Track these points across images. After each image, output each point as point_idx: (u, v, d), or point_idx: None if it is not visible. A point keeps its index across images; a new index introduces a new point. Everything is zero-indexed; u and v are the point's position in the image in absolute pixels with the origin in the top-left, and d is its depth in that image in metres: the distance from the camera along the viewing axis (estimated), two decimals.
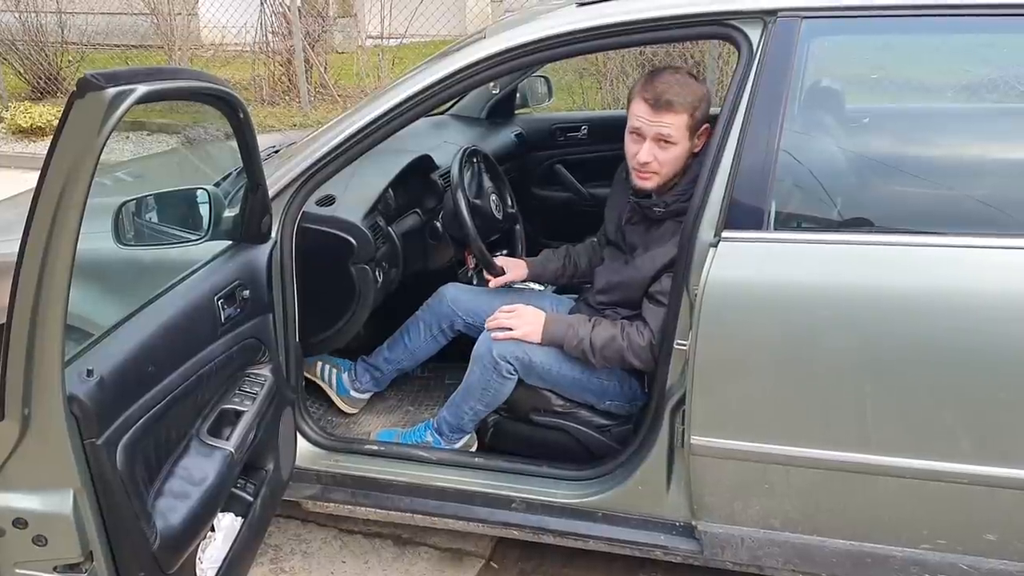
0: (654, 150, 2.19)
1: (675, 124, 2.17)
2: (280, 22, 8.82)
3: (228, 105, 1.87)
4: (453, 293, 2.73)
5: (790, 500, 2.01)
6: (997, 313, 1.77)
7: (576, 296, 2.69)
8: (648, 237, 2.32)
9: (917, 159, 2.08)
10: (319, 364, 2.81)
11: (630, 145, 2.25)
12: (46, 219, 1.37)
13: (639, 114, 2.19)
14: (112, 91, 1.35)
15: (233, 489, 2.05)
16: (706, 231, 1.95)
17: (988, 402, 1.80)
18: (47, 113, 8.44)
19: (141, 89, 1.41)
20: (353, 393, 2.80)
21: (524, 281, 2.75)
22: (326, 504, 2.44)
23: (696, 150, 2.24)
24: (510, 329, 2.32)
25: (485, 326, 2.38)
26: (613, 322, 2.27)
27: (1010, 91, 2.13)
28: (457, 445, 2.51)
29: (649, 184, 2.25)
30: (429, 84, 2.17)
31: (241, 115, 1.90)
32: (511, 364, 2.30)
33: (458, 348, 2.75)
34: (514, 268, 2.70)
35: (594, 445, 2.38)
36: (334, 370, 2.80)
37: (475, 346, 2.37)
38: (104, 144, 1.36)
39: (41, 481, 1.56)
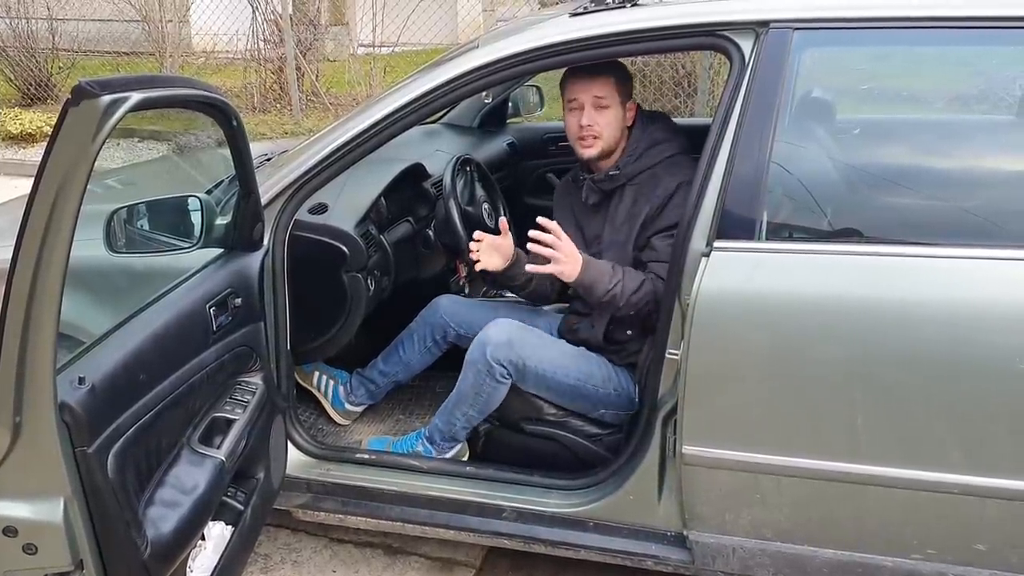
0: (592, 115, 2.34)
1: (606, 86, 2.34)
2: (272, 30, 8.82)
3: (221, 113, 1.87)
4: (447, 304, 2.73)
5: (781, 510, 2.01)
6: (987, 323, 1.78)
7: (566, 306, 2.68)
8: (611, 213, 2.40)
9: (908, 170, 2.09)
10: (316, 374, 2.80)
11: (570, 119, 2.40)
12: (40, 226, 1.37)
13: (573, 86, 2.37)
14: (107, 99, 1.35)
15: (224, 498, 2.05)
16: (698, 241, 1.96)
17: (978, 412, 1.81)
18: (37, 119, 8.40)
19: (136, 97, 1.41)
20: (348, 406, 2.80)
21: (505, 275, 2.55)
22: (316, 513, 2.43)
23: (628, 124, 2.41)
24: (549, 262, 2.24)
25: (529, 248, 2.26)
26: (637, 271, 2.31)
27: (999, 102, 2.15)
28: (448, 455, 2.50)
29: (594, 150, 2.38)
30: (422, 93, 2.18)
31: (234, 123, 1.91)
32: (505, 368, 2.30)
33: (449, 358, 2.76)
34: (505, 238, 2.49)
35: (585, 454, 2.38)
36: (331, 381, 2.80)
37: (468, 351, 2.36)
38: (99, 151, 1.36)
39: (32, 489, 1.56)
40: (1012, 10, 1.85)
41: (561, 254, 2.23)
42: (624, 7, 2.08)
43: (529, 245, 2.25)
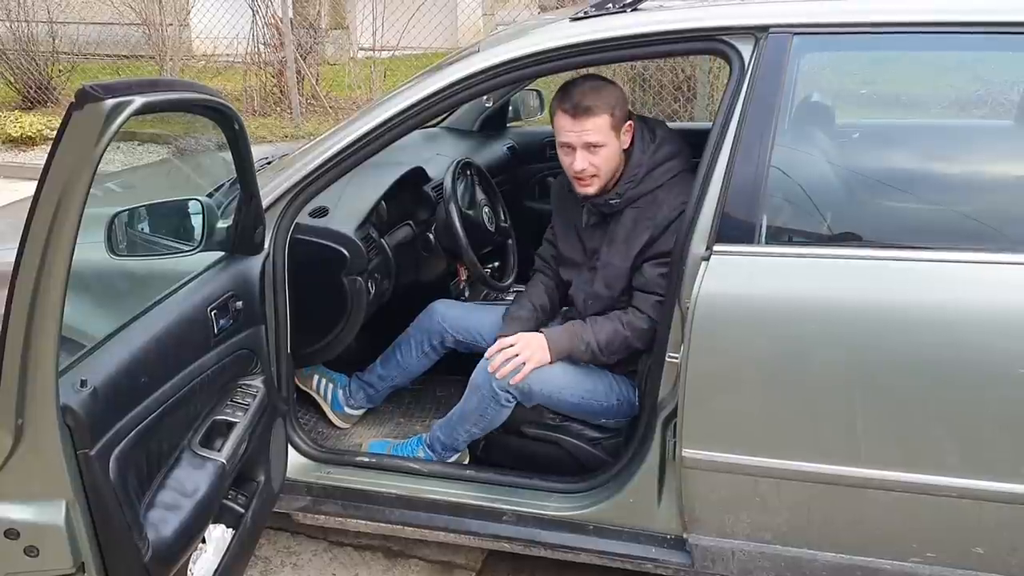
0: (587, 157, 2.27)
1: (598, 127, 2.24)
2: (272, 33, 8.83)
3: (224, 117, 1.88)
4: (442, 309, 2.73)
5: (781, 513, 2.02)
6: (985, 327, 1.79)
7: (566, 309, 2.68)
8: (610, 232, 2.37)
9: (906, 174, 2.10)
10: (315, 377, 2.81)
11: (563, 158, 2.33)
12: (43, 229, 1.38)
13: (564, 128, 2.27)
14: (110, 102, 1.36)
15: (224, 501, 2.05)
16: (698, 245, 1.97)
17: (976, 416, 1.82)
18: (37, 123, 8.41)
19: (139, 101, 1.41)
20: (347, 409, 2.80)
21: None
22: (316, 516, 2.43)
23: (626, 146, 2.32)
24: (522, 364, 2.28)
25: (489, 368, 2.31)
26: (608, 316, 2.32)
27: (997, 107, 2.16)
28: (449, 461, 2.51)
29: (592, 188, 2.32)
30: (423, 97, 2.18)
31: (236, 126, 1.91)
32: (510, 393, 2.30)
33: (448, 361, 2.76)
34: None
35: (586, 458, 2.38)
36: (330, 385, 2.80)
37: (473, 374, 2.36)
38: (102, 155, 1.37)
39: (33, 492, 1.56)
40: (1009, 16, 1.85)
41: (525, 351, 2.28)
42: (625, 12, 2.09)
43: (499, 373, 2.29)
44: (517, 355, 2.29)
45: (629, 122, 2.32)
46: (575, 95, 2.24)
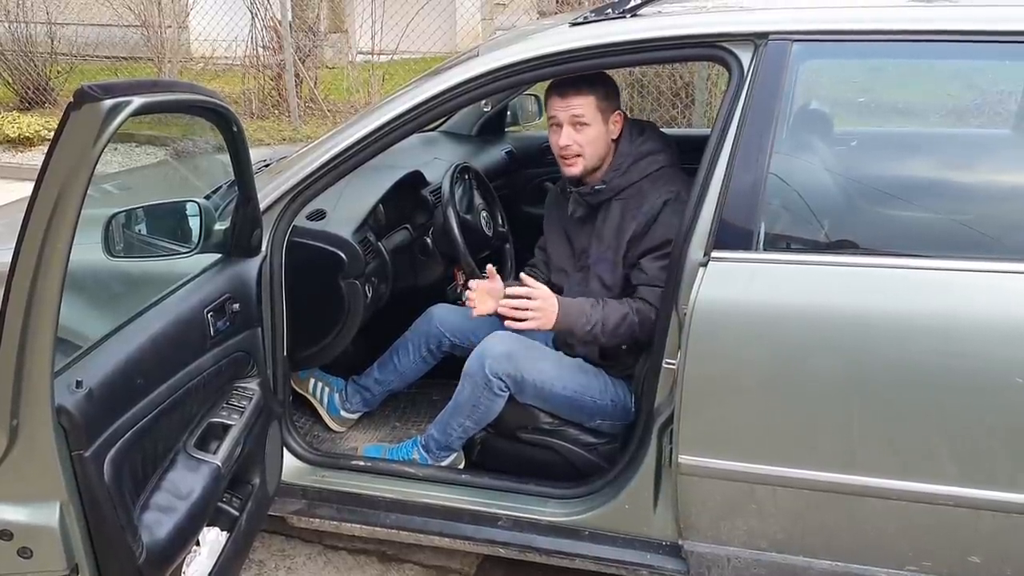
0: (572, 134, 2.32)
1: (585, 104, 2.30)
2: (271, 36, 8.83)
3: (222, 118, 1.88)
4: (441, 313, 2.74)
5: (777, 520, 2.02)
6: (983, 336, 1.79)
7: None
8: (597, 228, 2.40)
9: (904, 182, 2.10)
10: (312, 381, 2.80)
11: (552, 138, 2.39)
12: (40, 229, 1.37)
13: (553, 105, 2.35)
14: (109, 103, 1.36)
15: (219, 503, 2.04)
16: (696, 251, 1.97)
17: (973, 425, 1.82)
18: (35, 123, 8.41)
19: (137, 101, 1.41)
20: (343, 413, 2.80)
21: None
22: (311, 519, 2.43)
23: (614, 137, 2.38)
24: (523, 321, 2.26)
25: (499, 308, 2.28)
26: (621, 301, 2.31)
27: (994, 115, 2.16)
28: (444, 463, 2.50)
29: (576, 169, 2.37)
30: (422, 101, 2.18)
31: (235, 129, 1.91)
32: (503, 381, 2.30)
33: (445, 365, 2.76)
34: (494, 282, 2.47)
35: (581, 463, 2.38)
36: (326, 388, 2.80)
37: (466, 363, 2.36)
38: (100, 155, 1.37)
39: (28, 493, 1.55)
40: (1007, 25, 1.86)
41: (536, 312, 2.26)
42: (624, 18, 2.09)
43: (500, 309, 2.28)
44: (529, 309, 2.26)
45: (619, 112, 2.38)
46: (567, 77, 2.29)
